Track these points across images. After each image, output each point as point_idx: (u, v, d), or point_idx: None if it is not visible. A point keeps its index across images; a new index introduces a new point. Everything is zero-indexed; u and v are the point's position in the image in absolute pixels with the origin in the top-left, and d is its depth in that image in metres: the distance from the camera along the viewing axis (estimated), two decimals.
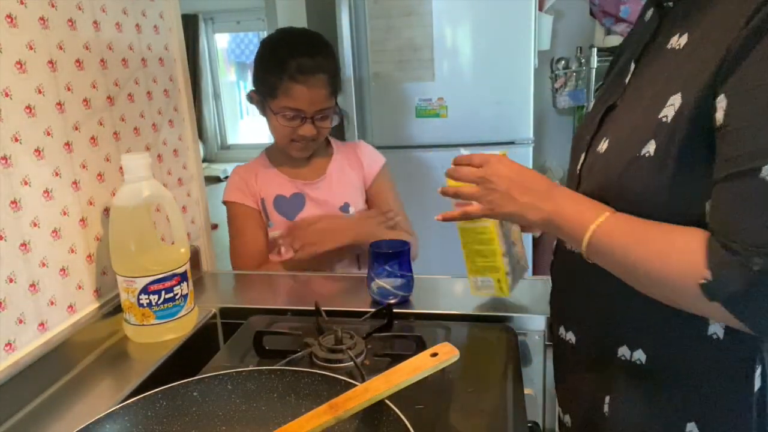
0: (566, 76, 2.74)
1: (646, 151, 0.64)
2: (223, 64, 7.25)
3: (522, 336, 0.96)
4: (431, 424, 0.70)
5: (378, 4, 2.19)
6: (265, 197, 1.33)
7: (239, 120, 7.57)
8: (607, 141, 0.71)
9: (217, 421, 0.69)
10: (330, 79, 1.25)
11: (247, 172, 1.36)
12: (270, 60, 1.25)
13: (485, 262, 0.97)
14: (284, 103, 1.23)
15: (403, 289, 1.04)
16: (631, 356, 0.72)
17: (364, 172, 1.39)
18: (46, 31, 0.88)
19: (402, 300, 1.04)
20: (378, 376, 0.63)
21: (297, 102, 1.22)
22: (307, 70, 1.21)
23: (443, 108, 2.25)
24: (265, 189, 1.33)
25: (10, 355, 0.82)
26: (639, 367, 0.71)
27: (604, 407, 0.76)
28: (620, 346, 0.73)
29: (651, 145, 0.64)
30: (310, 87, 1.21)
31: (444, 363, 0.63)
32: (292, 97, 1.22)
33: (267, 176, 1.34)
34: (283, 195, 1.33)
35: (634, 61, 0.74)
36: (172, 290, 0.95)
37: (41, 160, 0.87)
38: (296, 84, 1.21)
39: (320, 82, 1.22)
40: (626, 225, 0.66)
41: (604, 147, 0.72)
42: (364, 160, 1.39)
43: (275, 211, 1.32)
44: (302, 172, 1.35)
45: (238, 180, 1.35)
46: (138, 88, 1.12)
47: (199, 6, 6.64)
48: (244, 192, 1.34)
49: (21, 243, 0.84)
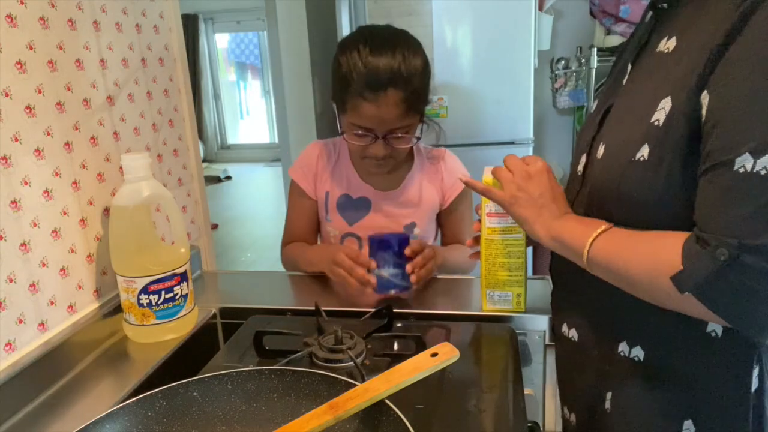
0: (566, 76, 2.74)
1: (641, 155, 0.64)
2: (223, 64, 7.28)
3: (522, 336, 0.96)
4: (431, 424, 0.70)
5: (378, 4, 2.19)
6: (330, 191, 1.23)
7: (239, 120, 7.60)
8: (604, 146, 0.72)
9: (217, 421, 0.69)
10: (408, 95, 1.05)
11: (323, 156, 1.24)
12: (338, 69, 1.09)
13: (509, 276, 0.94)
14: (352, 120, 1.09)
15: (402, 279, 1.04)
16: (629, 353, 0.72)
17: (443, 191, 1.24)
18: (46, 31, 0.88)
19: (402, 289, 1.04)
20: (378, 376, 0.63)
21: (366, 120, 1.07)
22: (380, 85, 1.03)
23: (443, 108, 2.25)
24: (334, 182, 1.23)
25: (10, 355, 0.82)
26: (638, 363, 0.72)
27: (606, 403, 0.76)
28: (620, 342, 0.73)
29: (644, 149, 0.64)
30: (380, 105, 1.04)
31: (444, 363, 0.63)
32: (360, 115, 1.07)
33: (341, 169, 1.23)
34: (350, 195, 1.22)
35: (630, 63, 0.75)
36: (172, 290, 0.95)
37: (41, 160, 0.87)
38: (364, 102, 1.05)
39: (393, 98, 1.04)
40: (620, 236, 0.67)
41: (601, 152, 0.72)
42: (446, 176, 1.24)
43: (337, 210, 1.23)
44: (377, 177, 1.21)
45: (311, 157, 1.25)
46: (138, 88, 1.12)
47: (199, 6, 6.66)
48: (307, 175, 1.24)
49: (21, 243, 0.84)
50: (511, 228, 0.92)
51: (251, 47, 7.28)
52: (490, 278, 0.96)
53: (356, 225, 1.22)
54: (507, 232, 0.92)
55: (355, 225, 1.22)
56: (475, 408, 0.74)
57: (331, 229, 1.25)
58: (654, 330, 0.70)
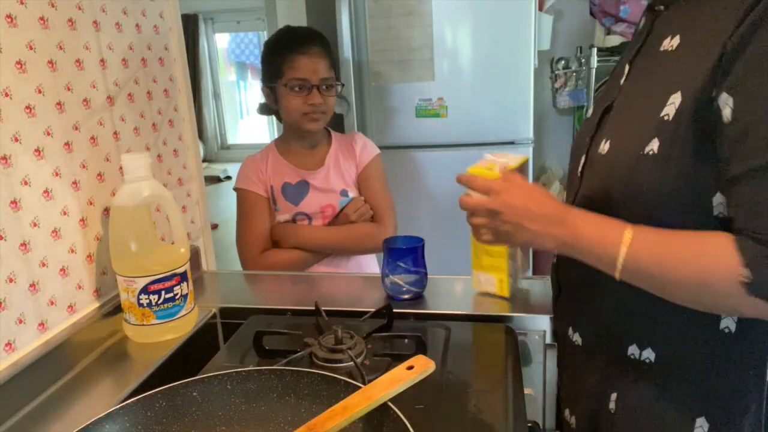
0: (566, 76, 2.74)
1: (650, 149, 0.65)
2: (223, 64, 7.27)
3: (522, 336, 0.96)
4: (431, 424, 0.70)
5: (378, 3, 2.19)
6: (274, 185, 1.43)
7: (239, 120, 7.59)
8: (608, 142, 0.72)
9: (216, 421, 0.69)
10: (327, 52, 1.39)
11: (258, 162, 1.45)
12: (272, 48, 1.40)
13: (491, 261, 0.98)
14: (290, 76, 1.35)
15: (416, 286, 1.05)
16: (640, 355, 0.72)
17: (356, 161, 1.49)
18: (46, 31, 0.88)
19: (416, 296, 1.05)
20: (356, 393, 0.63)
21: (301, 71, 1.34)
22: (305, 42, 1.36)
23: (443, 108, 2.25)
24: (274, 177, 1.43)
25: (10, 355, 0.82)
26: (648, 365, 0.72)
27: (610, 405, 0.76)
28: (630, 344, 0.73)
29: (654, 143, 0.64)
30: (310, 56, 1.35)
31: (420, 375, 0.63)
32: (296, 68, 1.34)
33: (276, 165, 1.44)
34: (290, 182, 1.43)
35: (628, 63, 0.75)
36: (172, 290, 0.95)
37: (41, 160, 0.87)
38: (298, 55, 1.34)
39: (318, 52, 1.36)
40: (653, 238, 0.65)
41: (606, 148, 0.72)
42: (357, 150, 1.49)
43: (283, 197, 1.43)
44: (305, 162, 1.45)
45: (249, 168, 1.45)
46: (138, 88, 1.12)
47: (199, 6, 6.65)
48: (254, 180, 1.43)
49: (21, 243, 0.84)
50: None
51: (251, 47, 7.28)
52: (476, 260, 1.01)
53: (302, 204, 1.43)
54: None
55: (301, 204, 1.43)
56: (475, 408, 0.74)
57: (280, 217, 1.44)
58: (666, 331, 0.70)
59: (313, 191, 1.43)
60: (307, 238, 1.40)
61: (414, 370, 0.64)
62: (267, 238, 1.41)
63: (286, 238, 1.40)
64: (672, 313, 0.67)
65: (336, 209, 1.43)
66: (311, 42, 1.37)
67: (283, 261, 1.38)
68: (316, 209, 1.42)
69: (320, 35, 1.41)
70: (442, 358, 0.85)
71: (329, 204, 1.42)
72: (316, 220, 1.43)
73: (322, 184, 1.43)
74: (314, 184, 1.43)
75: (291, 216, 1.43)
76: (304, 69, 1.34)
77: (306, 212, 1.43)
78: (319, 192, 1.43)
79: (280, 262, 1.38)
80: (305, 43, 1.36)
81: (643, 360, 0.72)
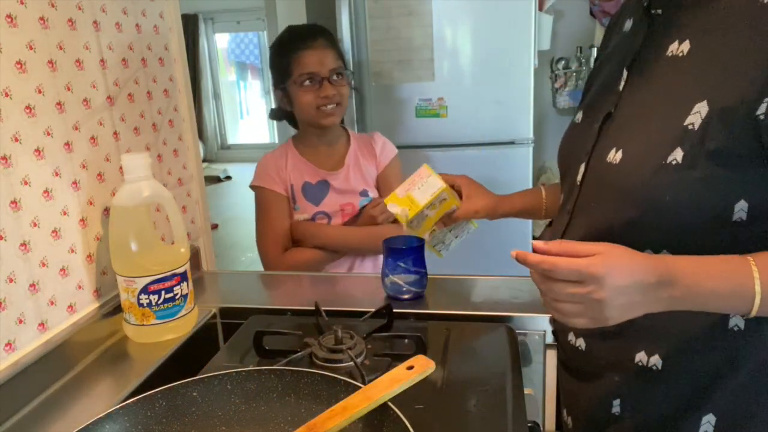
0: (566, 76, 2.74)
1: (673, 159, 0.64)
2: (223, 64, 7.28)
3: (522, 336, 0.96)
4: (431, 424, 0.70)
5: (378, 3, 2.19)
6: (294, 183, 1.43)
7: (239, 120, 7.60)
8: (620, 151, 0.70)
9: (216, 421, 0.69)
10: (332, 43, 1.39)
11: (278, 159, 1.45)
12: (278, 50, 1.41)
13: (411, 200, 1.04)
14: (299, 72, 1.35)
15: (416, 285, 1.05)
16: (648, 362, 0.72)
17: (377, 161, 1.50)
18: (46, 31, 0.88)
19: (416, 296, 1.05)
20: (356, 393, 0.63)
21: (309, 66, 1.34)
22: (309, 37, 1.37)
23: (443, 108, 2.25)
24: (294, 175, 1.43)
25: (10, 355, 0.82)
26: (656, 371, 0.71)
27: (613, 409, 0.76)
28: (638, 352, 0.72)
29: (678, 153, 0.63)
30: (315, 49, 1.35)
31: (420, 375, 0.63)
32: (303, 64, 1.35)
33: (296, 163, 1.44)
34: (310, 182, 1.43)
35: (626, 68, 0.74)
36: (172, 290, 0.95)
37: (41, 160, 0.87)
38: (303, 50, 1.35)
39: (323, 44, 1.37)
40: None
41: (618, 157, 0.69)
42: (377, 150, 1.50)
43: (303, 196, 1.43)
44: (325, 161, 1.45)
45: (269, 165, 1.44)
46: (138, 88, 1.12)
47: (199, 6, 6.66)
48: (273, 178, 1.42)
49: (21, 243, 0.84)
50: None
51: (251, 47, 7.28)
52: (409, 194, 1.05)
53: (322, 203, 1.43)
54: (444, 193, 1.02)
55: (322, 204, 1.43)
56: (475, 408, 0.74)
57: (299, 215, 1.43)
58: (675, 336, 0.70)
59: (334, 192, 1.43)
60: (331, 238, 1.40)
61: (414, 370, 0.64)
62: (288, 237, 1.41)
63: (309, 237, 1.40)
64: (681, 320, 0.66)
65: (356, 208, 1.44)
66: (315, 36, 1.37)
67: (308, 260, 1.38)
68: (336, 208, 1.43)
69: (322, 28, 1.42)
70: (442, 358, 0.85)
71: (349, 203, 1.43)
72: (335, 219, 1.43)
73: (342, 185, 1.44)
74: (335, 185, 1.43)
75: (311, 215, 1.43)
76: (312, 62, 1.35)
77: (326, 211, 1.43)
78: (340, 192, 1.44)
79: (305, 261, 1.38)
80: (309, 38, 1.36)
81: (650, 367, 0.71)
